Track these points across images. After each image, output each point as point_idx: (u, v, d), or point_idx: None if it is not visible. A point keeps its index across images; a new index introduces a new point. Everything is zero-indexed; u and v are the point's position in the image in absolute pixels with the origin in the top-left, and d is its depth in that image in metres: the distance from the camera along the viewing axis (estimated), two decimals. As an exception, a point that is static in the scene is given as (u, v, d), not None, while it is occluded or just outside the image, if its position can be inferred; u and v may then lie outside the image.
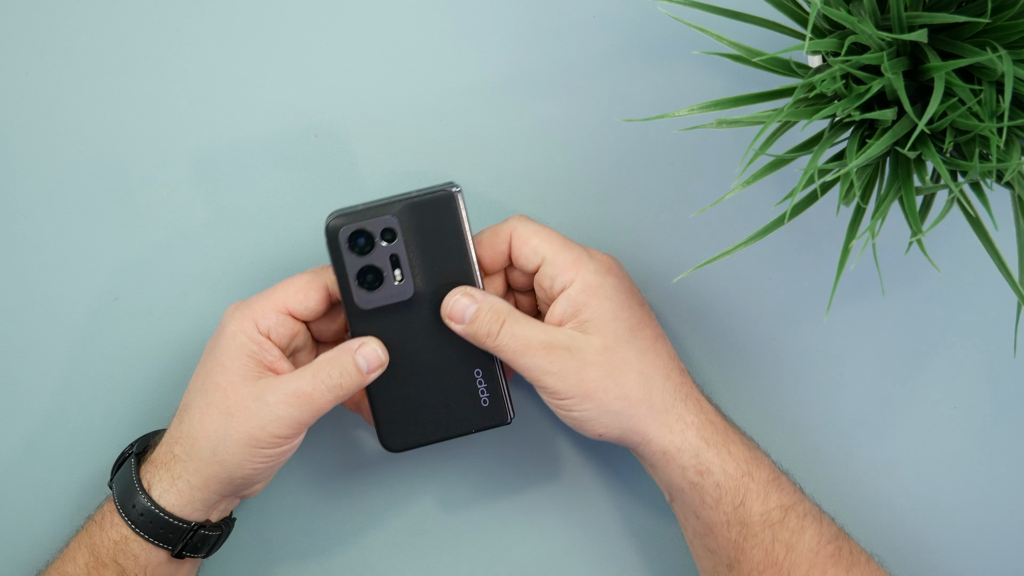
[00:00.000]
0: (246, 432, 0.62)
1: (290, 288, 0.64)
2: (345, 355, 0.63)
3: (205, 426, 0.63)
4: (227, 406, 0.63)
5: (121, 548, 0.64)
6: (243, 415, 0.62)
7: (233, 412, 0.62)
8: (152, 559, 0.64)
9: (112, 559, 0.64)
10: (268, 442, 0.62)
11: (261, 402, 0.62)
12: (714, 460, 0.65)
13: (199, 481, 0.63)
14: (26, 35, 0.71)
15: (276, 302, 0.64)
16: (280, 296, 0.64)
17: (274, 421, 0.62)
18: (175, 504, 0.63)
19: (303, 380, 0.62)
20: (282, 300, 0.64)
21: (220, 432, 0.62)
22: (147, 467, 0.64)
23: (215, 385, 0.63)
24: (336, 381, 0.63)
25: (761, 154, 0.57)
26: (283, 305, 0.64)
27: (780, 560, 0.64)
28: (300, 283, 0.64)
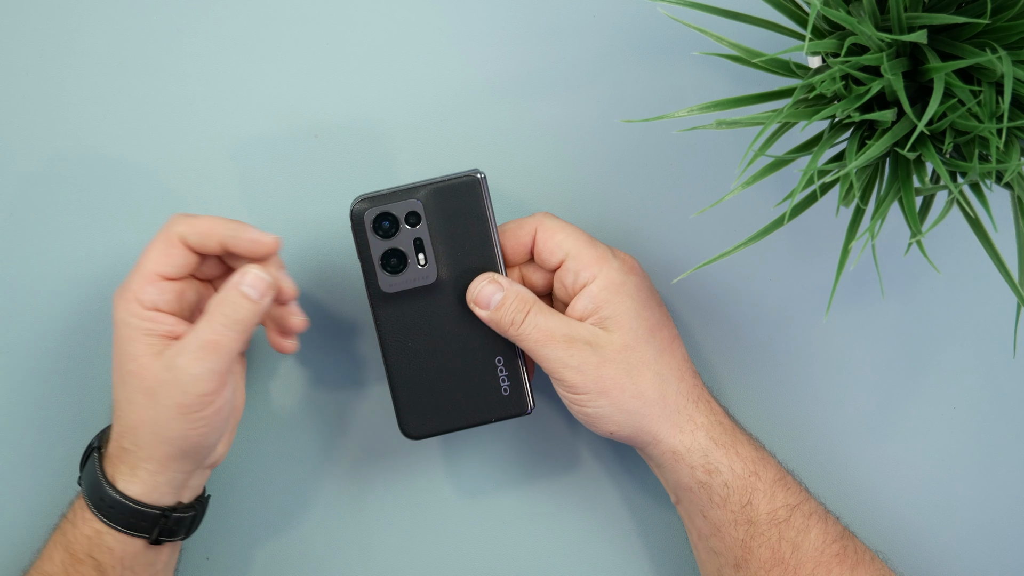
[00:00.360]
0: (173, 403, 0.61)
1: (152, 254, 0.63)
2: (231, 291, 0.62)
3: (137, 414, 0.62)
4: (146, 387, 0.62)
5: (95, 543, 0.63)
6: (164, 389, 0.61)
7: (154, 390, 0.61)
8: (128, 550, 0.63)
9: (87, 554, 0.63)
10: (197, 403, 0.61)
11: (174, 369, 0.61)
12: (722, 460, 0.65)
13: (156, 466, 0.63)
14: (26, 35, 0.71)
15: (147, 273, 0.63)
16: (148, 266, 0.63)
17: (193, 381, 0.61)
18: (141, 492, 0.63)
19: (202, 330, 0.61)
20: (151, 269, 0.63)
21: (151, 414, 0.62)
22: (107, 462, 0.64)
23: (128, 373, 0.62)
24: (232, 318, 0.62)
25: (761, 155, 0.57)
26: (153, 274, 0.63)
27: (786, 559, 0.65)
28: (158, 246, 0.63)
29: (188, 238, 0.63)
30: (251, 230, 0.63)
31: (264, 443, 0.73)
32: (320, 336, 0.73)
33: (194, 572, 0.73)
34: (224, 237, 0.63)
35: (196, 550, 0.73)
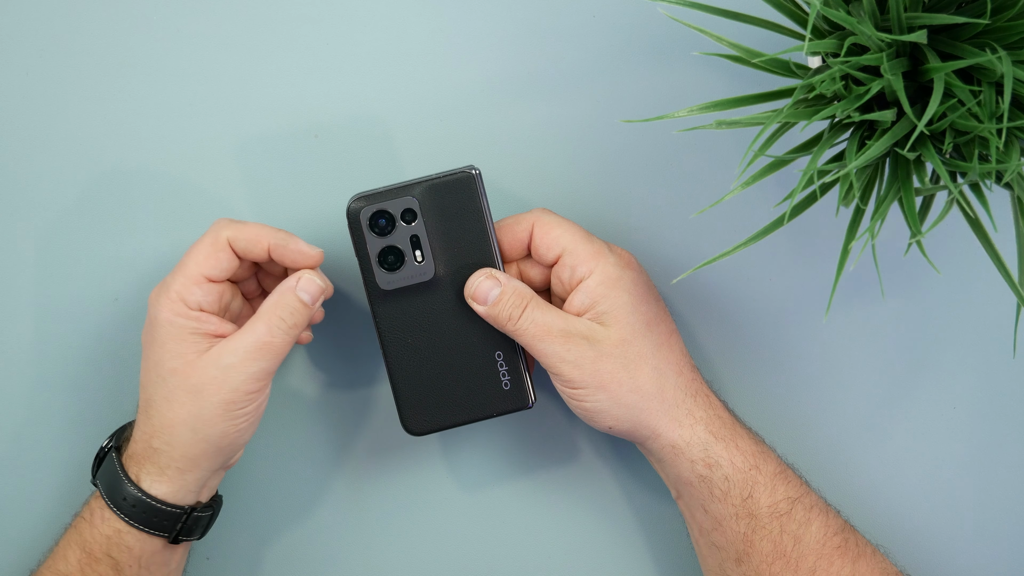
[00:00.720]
0: (221, 400, 0.63)
1: (199, 256, 0.65)
2: (287, 295, 0.64)
3: (176, 412, 0.63)
4: (191, 385, 0.63)
5: (114, 542, 0.64)
6: (212, 386, 0.63)
7: (200, 388, 0.63)
8: (147, 548, 0.64)
9: (105, 553, 0.64)
10: (244, 400, 0.63)
11: (225, 367, 0.63)
12: (722, 454, 0.65)
13: (187, 464, 0.64)
14: (26, 35, 0.71)
15: (193, 275, 0.64)
16: (193, 268, 0.64)
17: (245, 380, 0.63)
18: (167, 492, 0.64)
19: (259, 331, 0.63)
20: (197, 271, 0.64)
21: (194, 411, 0.63)
22: (128, 462, 0.65)
23: (170, 371, 0.63)
24: (289, 322, 0.64)
25: (761, 155, 0.57)
26: (199, 275, 0.64)
27: (788, 552, 0.65)
28: (205, 248, 0.65)
29: (236, 243, 0.65)
30: (299, 241, 0.65)
31: (264, 442, 0.73)
32: (320, 334, 0.73)
33: (194, 572, 0.73)
34: (272, 245, 0.65)
35: (196, 550, 0.73)
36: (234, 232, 0.65)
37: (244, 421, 0.64)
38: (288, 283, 0.65)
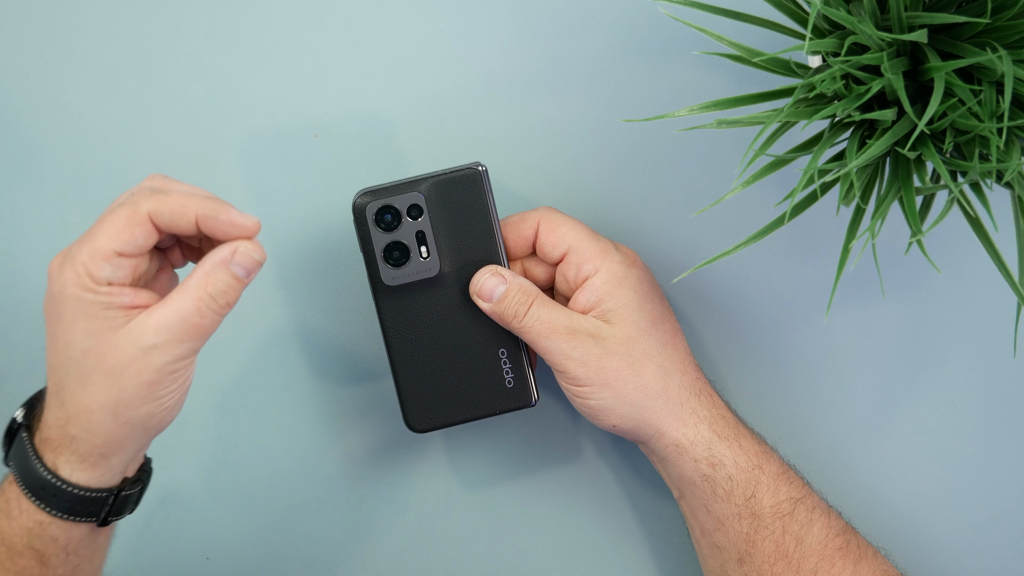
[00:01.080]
0: (143, 382, 0.57)
1: (111, 229, 0.57)
2: (220, 271, 0.58)
3: (93, 396, 0.57)
4: (108, 367, 0.57)
5: (36, 534, 0.59)
6: (132, 368, 0.57)
7: (119, 370, 0.57)
8: (73, 536, 0.60)
9: (27, 546, 0.59)
10: (168, 380, 0.58)
11: (146, 348, 0.57)
12: (726, 453, 0.65)
13: (110, 449, 0.58)
14: (26, 35, 0.72)
15: (103, 249, 0.56)
16: (104, 241, 0.56)
17: (170, 361, 0.57)
18: (90, 478, 0.59)
19: (186, 310, 0.57)
20: (108, 245, 0.56)
21: (113, 395, 0.57)
22: (43, 447, 0.59)
23: (83, 353, 0.57)
24: (221, 301, 0.58)
25: (761, 154, 0.57)
26: (110, 250, 0.56)
27: (790, 552, 0.65)
28: (120, 221, 0.57)
29: (158, 217, 0.57)
30: (231, 211, 0.58)
31: (265, 439, 0.73)
32: (323, 330, 0.73)
33: (194, 572, 0.73)
34: (201, 217, 0.57)
35: (196, 550, 0.73)
36: (155, 205, 0.57)
37: (170, 399, 0.58)
38: (221, 254, 0.58)
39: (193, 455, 0.73)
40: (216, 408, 0.73)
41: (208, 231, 0.58)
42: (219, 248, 0.58)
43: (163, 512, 0.73)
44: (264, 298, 0.72)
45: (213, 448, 0.73)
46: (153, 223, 0.57)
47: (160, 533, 0.73)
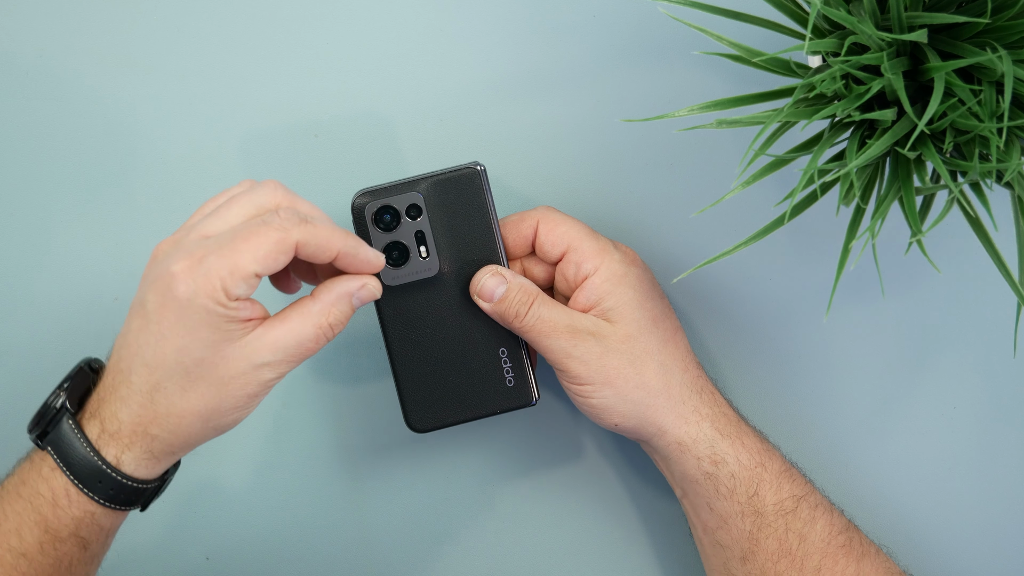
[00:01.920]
0: (245, 394, 0.58)
1: (258, 251, 0.57)
2: (344, 303, 0.60)
3: (192, 403, 0.58)
4: (217, 377, 0.58)
5: (86, 524, 0.60)
6: (240, 380, 0.58)
7: (227, 381, 0.58)
8: (117, 522, 0.61)
9: (73, 534, 0.60)
10: (265, 393, 0.59)
11: (259, 364, 0.58)
12: (728, 451, 0.65)
13: (185, 448, 0.60)
14: (26, 35, 0.72)
15: (246, 270, 0.57)
16: (249, 263, 0.57)
17: (276, 378, 0.59)
18: (154, 472, 0.60)
19: (304, 335, 0.59)
20: (252, 268, 0.57)
21: (212, 404, 0.58)
22: (109, 440, 0.59)
23: (197, 361, 0.58)
24: (336, 331, 0.60)
25: (761, 154, 0.57)
26: (252, 272, 0.57)
27: (793, 550, 0.65)
28: (268, 245, 0.57)
29: (303, 249, 0.58)
30: (366, 249, 0.60)
31: (266, 440, 0.73)
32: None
33: (194, 572, 0.73)
34: (341, 254, 0.59)
35: (196, 550, 0.73)
36: (305, 236, 0.57)
37: (255, 405, 0.60)
38: (347, 288, 0.60)
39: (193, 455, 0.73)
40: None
41: (341, 266, 0.60)
42: (345, 280, 0.60)
43: (163, 512, 0.73)
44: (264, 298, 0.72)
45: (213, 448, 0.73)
46: (297, 251, 0.58)
47: (160, 533, 0.73)
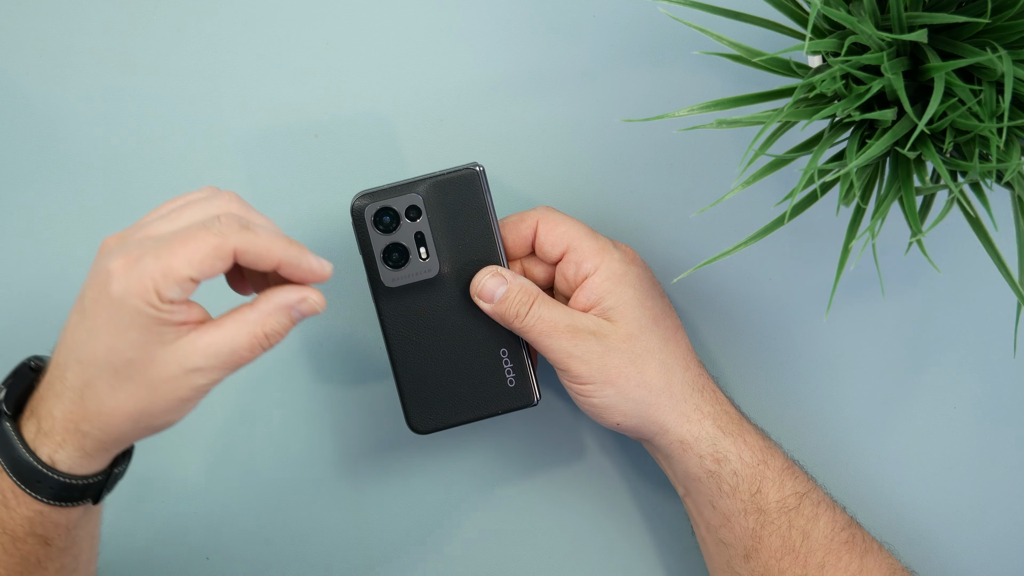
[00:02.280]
0: (176, 398, 0.57)
1: (195, 256, 0.55)
2: (282, 315, 0.57)
3: (122, 403, 0.57)
4: (148, 379, 0.56)
5: (38, 522, 0.59)
6: (171, 384, 0.56)
7: (157, 384, 0.56)
8: (73, 516, 0.60)
9: (29, 533, 0.59)
10: (198, 398, 0.57)
11: (190, 368, 0.56)
12: (731, 448, 0.65)
13: (118, 445, 0.59)
14: (26, 35, 0.71)
15: (179, 274, 0.55)
16: (183, 267, 0.55)
17: (208, 384, 0.57)
18: (89, 468, 0.59)
19: (238, 344, 0.57)
20: (186, 272, 0.55)
21: (142, 406, 0.57)
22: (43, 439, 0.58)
23: (127, 362, 0.56)
24: (271, 340, 0.57)
25: (761, 154, 0.57)
26: (186, 276, 0.55)
27: (797, 547, 0.65)
28: (205, 250, 0.55)
29: (242, 256, 0.56)
30: (310, 257, 0.58)
31: (266, 440, 0.73)
32: (324, 332, 0.73)
33: (194, 572, 0.73)
34: (283, 263, 0.57)
35: (196, 550, 0.73)
36: (244, 244, 0.56)
37: (189, 409, 0.58)
38: (287, 299, 0.58)
39: (193, 455, 0.73)
40: (216, 409, 0.73)
41: (285, 275, 0.58)
42: (285, 290, 0.58)
43: (163, 512, 0.73)
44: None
45: (213, 448, 0.73)
46: (235, 258, 0.56)
47: (160, 533, 0.73)
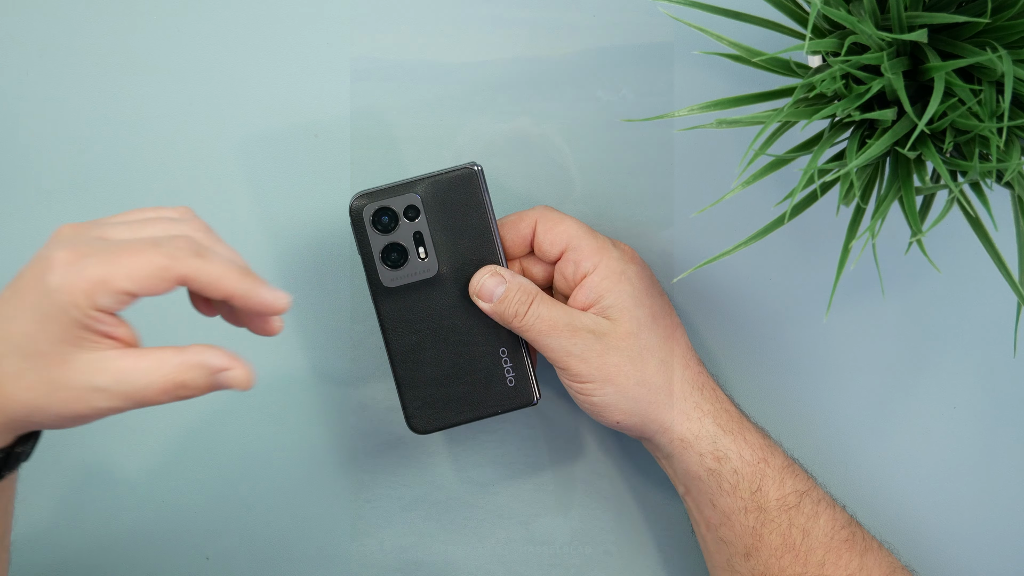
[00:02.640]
0: (70, 409, 0.54)
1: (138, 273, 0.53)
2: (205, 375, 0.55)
3: (21, 393, 0.54)
4: (52, 377, 0.54)
5: None
6: (70, 394, 0.54)
7: (58, 388, 0.54)
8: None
9: None
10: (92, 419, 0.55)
11: (95, 387, 0.54)
12: (731, 447, 0.65)
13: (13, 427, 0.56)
14: (26, 35, 0.71)
15: (117, 287, 0.53)
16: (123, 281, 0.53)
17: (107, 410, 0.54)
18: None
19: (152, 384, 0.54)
20: (125, 286, 0.53)
21: (38, 403, 0.54)
22: None
23: (38, 353, 0.54)
24: (184, 394, 0.55)
25: (761, 154, 0.57)
26: (124, 291, 0.53)
27: (797, 545, 0.65)
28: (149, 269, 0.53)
29: (190, 284, 0.54)
30: (264, 290, 0.55)
31: (265, 441, 0.73)
32: (321, 333, 0.73)
33: (194, 572, 0.73)
34: (234, 295, 0.54)
35: (196, 550, 0.73)
36: (192, 272, 0.53)
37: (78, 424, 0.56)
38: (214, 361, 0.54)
39: (194, 455, 0.73)
40: (216, 409, 0.73)
41: (238, 306, 0.55)
42: (216, 352, 0.55)
43: (163, 512, 0.73)
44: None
45: (213, 448, 0.73)
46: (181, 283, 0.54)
47: (160, 533, 0.73)
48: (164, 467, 0.73)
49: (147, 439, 0.72)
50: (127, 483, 0.72)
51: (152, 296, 0.54)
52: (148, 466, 0.72)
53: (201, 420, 0.73)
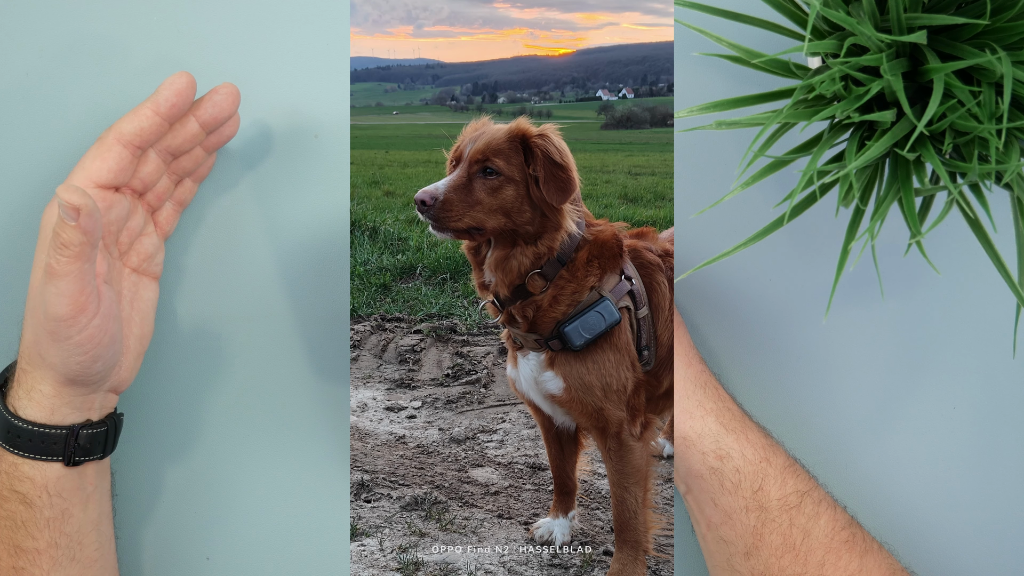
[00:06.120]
0: (43, 329, 0.59)
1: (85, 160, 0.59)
2: (51, 209, 0.60)
3: (28, 334, 0.61)
4: (31, 306, 0.60)
5: (14, 476, 0.61)
6: (36, 312, 0.59)
7: (33, 311, 0.60)
8: (49, 475, 0.61)
9: (10, 490, 0.61)
10: (60, 329, 0.58)
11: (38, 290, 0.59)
12: (733, 446, 0.65)
13: (49, 388, 0.61)
14: (26, 35, 0.72)
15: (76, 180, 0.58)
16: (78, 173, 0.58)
17: (49, 306, 0.58)
18: (40, 415, 0.61)
19: (43, 254, 0.59)
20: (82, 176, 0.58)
21: (37, 335, 0.60)
22: (12, 390, 0.62)
23: (30, 287, 0.61)
24: (59, 241, 0.57)
25: (761, 155, 0.57)
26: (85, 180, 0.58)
27: (797, 545, 0.65)
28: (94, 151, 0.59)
29: (124, 133, 0.59)
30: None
31: (266, 440, 0.73)
32: (323, 330, 0.73)
33: (194, 572, 0.73)
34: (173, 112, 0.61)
35: (196, 550, 0.73)
36: (121, 123, 0.60)
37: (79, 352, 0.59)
38: (50, 210, 0.60)
39: (194, 455, 0.73)
40: (216, 408, 0.73)
41: (198, 118, 0.61)
42: (51, 204, 0.61)
43: (163, 512, 0.73)
44: (264, 298, 0.72)
45: (213, 448, 0.73)
46: (120, 141, 0.60)
47: (160, 533, 0.73)
48: (164, 466, 0.73)
49: (147, 439, 0.72)
50: (127, 483, 0.72)
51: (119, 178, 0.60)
52: (148, 465, 0.72)
53: (200, 421, 0.73)
